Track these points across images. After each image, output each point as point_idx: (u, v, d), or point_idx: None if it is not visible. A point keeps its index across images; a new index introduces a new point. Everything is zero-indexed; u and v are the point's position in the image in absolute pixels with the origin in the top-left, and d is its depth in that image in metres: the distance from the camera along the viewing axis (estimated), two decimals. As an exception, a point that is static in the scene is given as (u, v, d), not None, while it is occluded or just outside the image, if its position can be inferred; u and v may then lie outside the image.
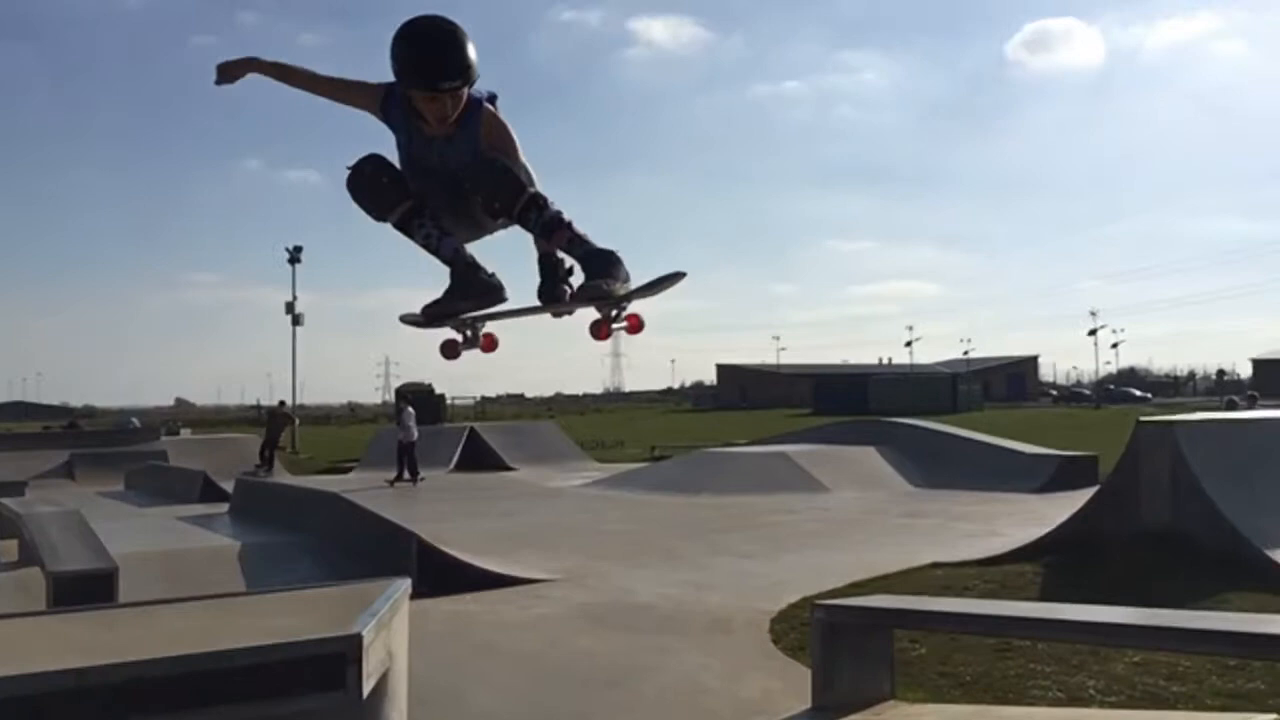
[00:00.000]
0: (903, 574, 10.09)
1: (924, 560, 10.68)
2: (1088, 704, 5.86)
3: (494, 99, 3.85)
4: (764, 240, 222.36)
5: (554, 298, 4.11)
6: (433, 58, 3.57)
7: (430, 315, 4.07)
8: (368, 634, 3.38)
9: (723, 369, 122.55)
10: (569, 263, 4.02)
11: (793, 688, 6.23)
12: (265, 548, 11.38)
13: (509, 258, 4.14)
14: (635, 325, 3.92)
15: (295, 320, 45.20)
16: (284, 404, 34.57)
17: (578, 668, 7.31)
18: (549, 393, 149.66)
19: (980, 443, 21.56)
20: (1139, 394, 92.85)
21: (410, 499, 19.34)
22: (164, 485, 20.34)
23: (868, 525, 14.56)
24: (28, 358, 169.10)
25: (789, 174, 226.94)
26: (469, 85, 3.66)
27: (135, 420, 40.08)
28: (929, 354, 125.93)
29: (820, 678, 5.63)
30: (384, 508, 12.31)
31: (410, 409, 23.97)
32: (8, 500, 12.72)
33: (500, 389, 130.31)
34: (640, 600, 9.50)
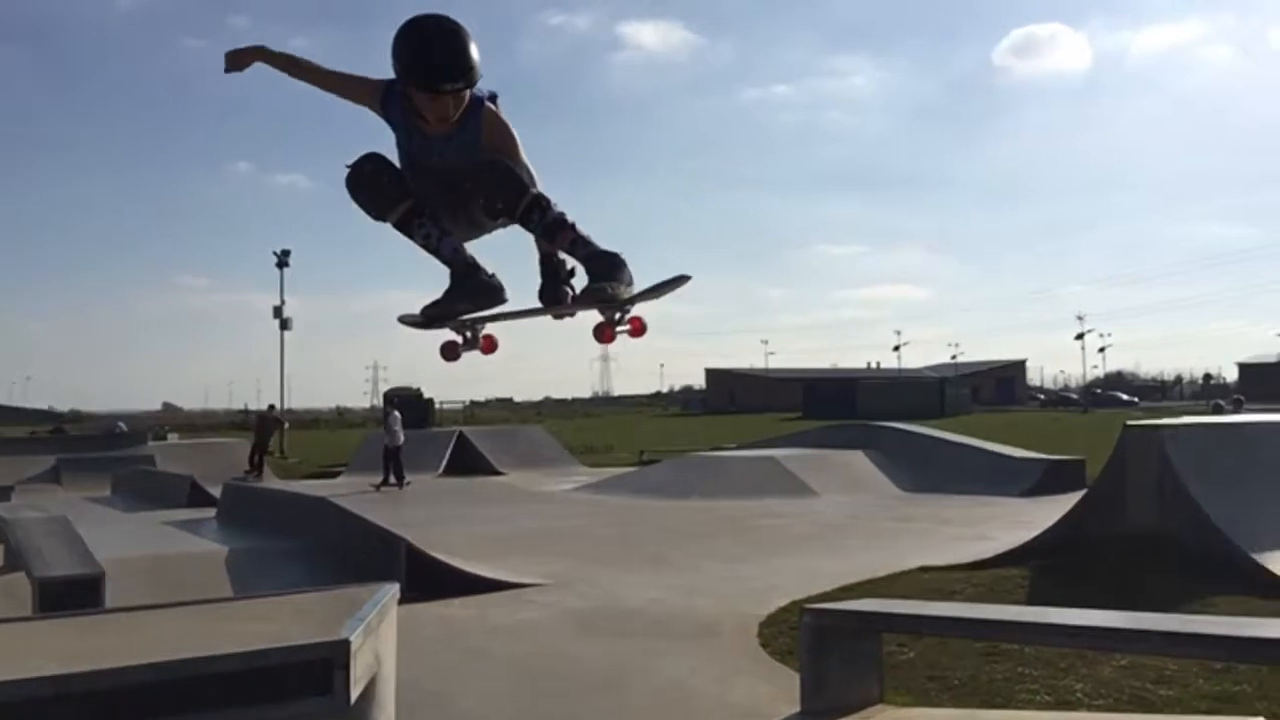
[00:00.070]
0: (891, 578, 10.10)
1: (912, 564, 10.69)
2: (1075, 707, 5.88)
3: (495, 98, 3.79)
4: (753, 244, 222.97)
5: (556, 299, 4.07)
6: (436, 58, 3.51)
7: (430, 316, 4.02)
8: (355, 639, 3.37)
9: (712, 373, 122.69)
10: (570, 264, 3.99)
11: (782, 692, 6.24)
12: (253, 553, 11.34)
13: (508, 258, 4.12)
14: (638, 328, 3.88)
15: (283, 324, 45.16)
16: (273, 408, 34.47)
17: (567, 672, 7.30)
18: (538, 397, 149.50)
19: (968, 447, 21.65)
20: (1126, 398, 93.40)
21: (398, 503, 19.28)
22: (151, 490, 20.23)
23: (856, 529, 14.59)
24: (16, 361, 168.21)
25: (779, 178, 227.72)
26: (471, 86, 3.61)
27: (122, 425, 39.91)
28: (917, 358, 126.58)
29: (809, 681, 5.65)
30: (372, 512, 12.26)
31: (396, 413, 23.94)
32: (-7, 505, 12.64)
33: (489, 393, 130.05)
34: (629, 604, 9.49)
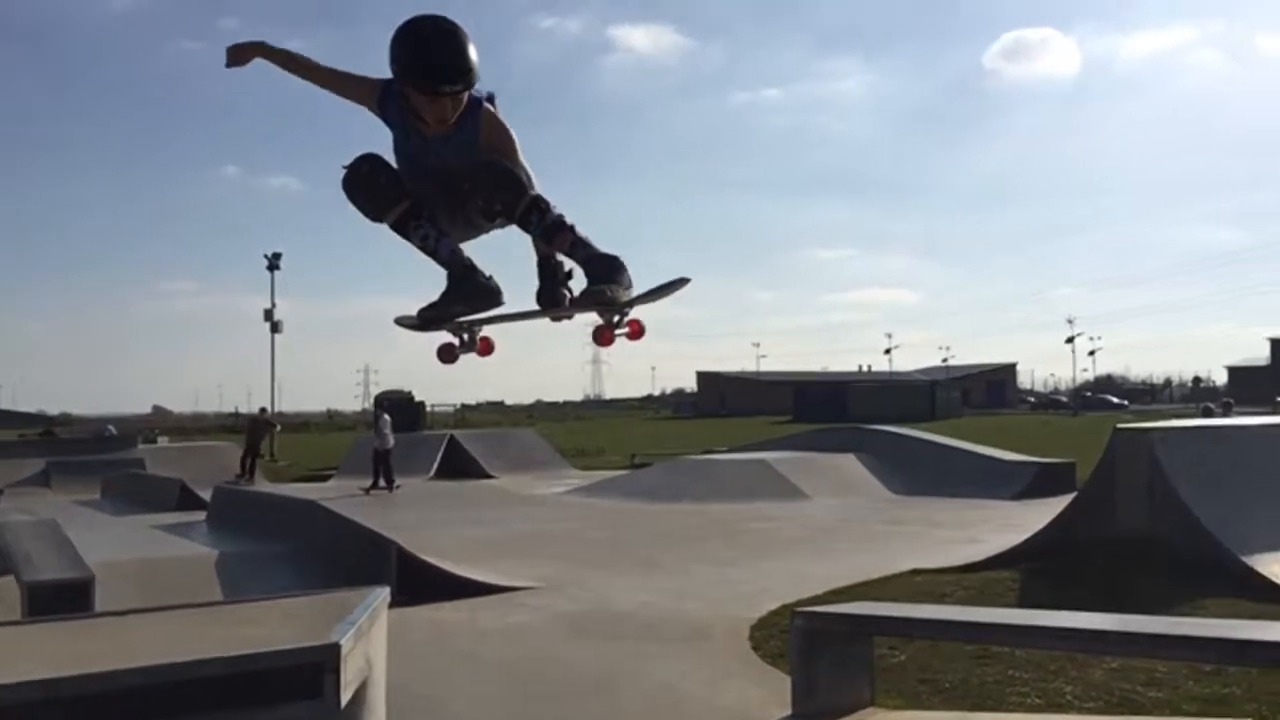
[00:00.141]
0: (882, 581, 10.12)
1: (903, 567, 10.71)
2: (1066, 710, 5.89)
3: (493, 98, 3.76)
4: (744, 247, 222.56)
5: (554, 302, 4.03)
6: (434, 59, 3.48)
7: (426, 319, 3.98)
8: (346, 643, 3.37)
9: (703, 376, 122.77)
10: (569, 266, 3.96)
11: (773, 695, 6.25)
12: (243, 556, 11.31)
13: (506, 259, 4.08)
14: (636, 331, 3.87)
15: (274, 327, 45.13)
16: (265, 411, 34.39)
17: (557, 676, 7.30)
18: (529, 400, 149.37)
19: (959, 450, 21.70)
20: (1116, 401, 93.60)
21: (389, 507, 19.24)
22: (141, 493, 20.19)
23: (847, 532, 14.60)
24: (7, 364, 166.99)
25: (769, 181, 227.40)
26: (470, 88, 3.58)
27: (112, 428, 39.67)
28: (908, 361, 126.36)
29: (800, 685, 5.65)
30: (363, 516, 12.24)
31: (386, 416, 23.87)
32: (-18, 509, 12.60)
33: (480, 396, 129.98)
34: (620, 608, 9.49)
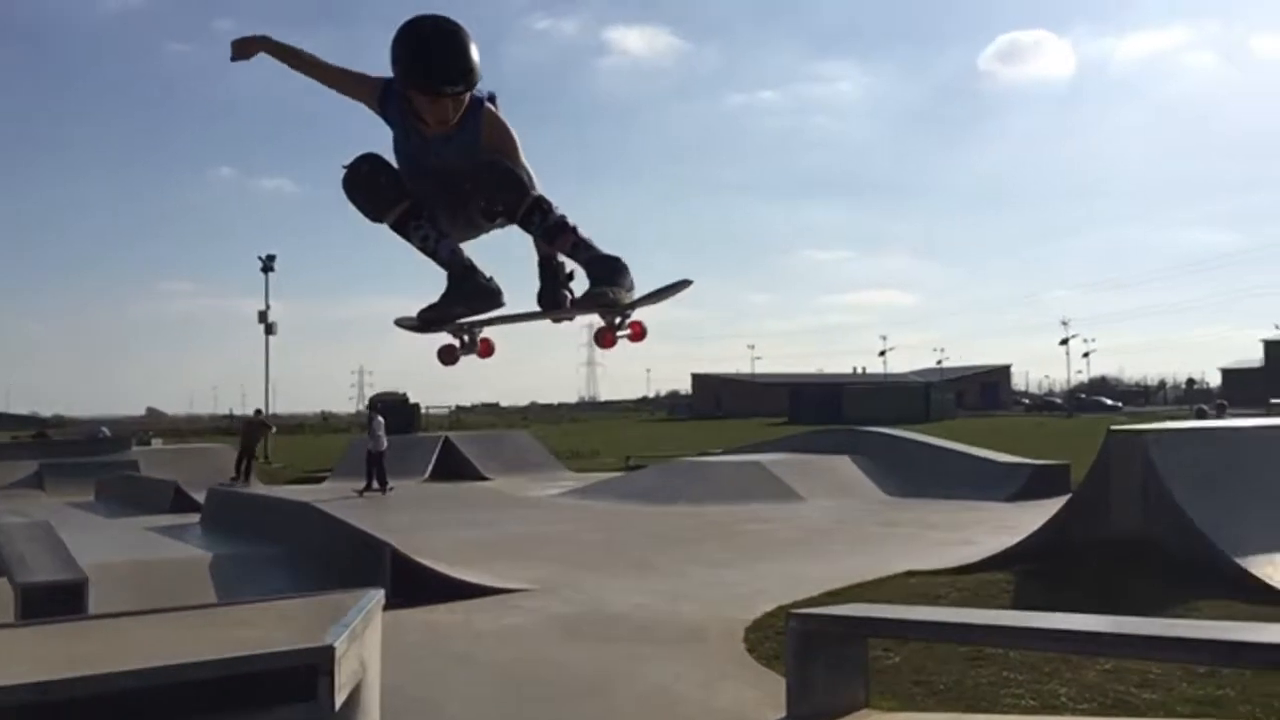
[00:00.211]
0: (877, 582, 10.13)
1: (898, 569, 10.71)
2: (1060, 711, 5.90)
3: (494, 98, 3.74)
4: (739, 249, 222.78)
5: (555, 303, 4.01)
6: (435, 60, 3.46)
7: (426, 320, 3.95)
8: (340, 645, 3.36)
9: (698, 378, 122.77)
10: (570, 267, 3.94)
11: (768, 697, 6.24)
12: (237, 558, 11.29)
13: (506, 260, 4.07)
14: (638, 333, 3.84)
15: (268, 329, 45.21)
16: (260, 412, 34.36)
17: (552, 678, 7.29)
18: (524, 402, 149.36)
19: (954, 451, 21.73)
20: (1110, 403, 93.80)
21: (384, 509, 19.22)
22: (135, 496, 20.12)
23: (842, 534, 14.61)
24: (6, 365, 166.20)
25: (764, 183, 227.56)
26: (472, 89, 3.56)
27: (106, 430, 39.61)
28: (903, 363, 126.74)
29: (795, 686, 5.65)
30: (357, 518, 12.23)
31: (380, 418, 23.83)
32: (-25, 511, 12.56)
33: (475, 398, 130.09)
34: (615, 610, 9.48)
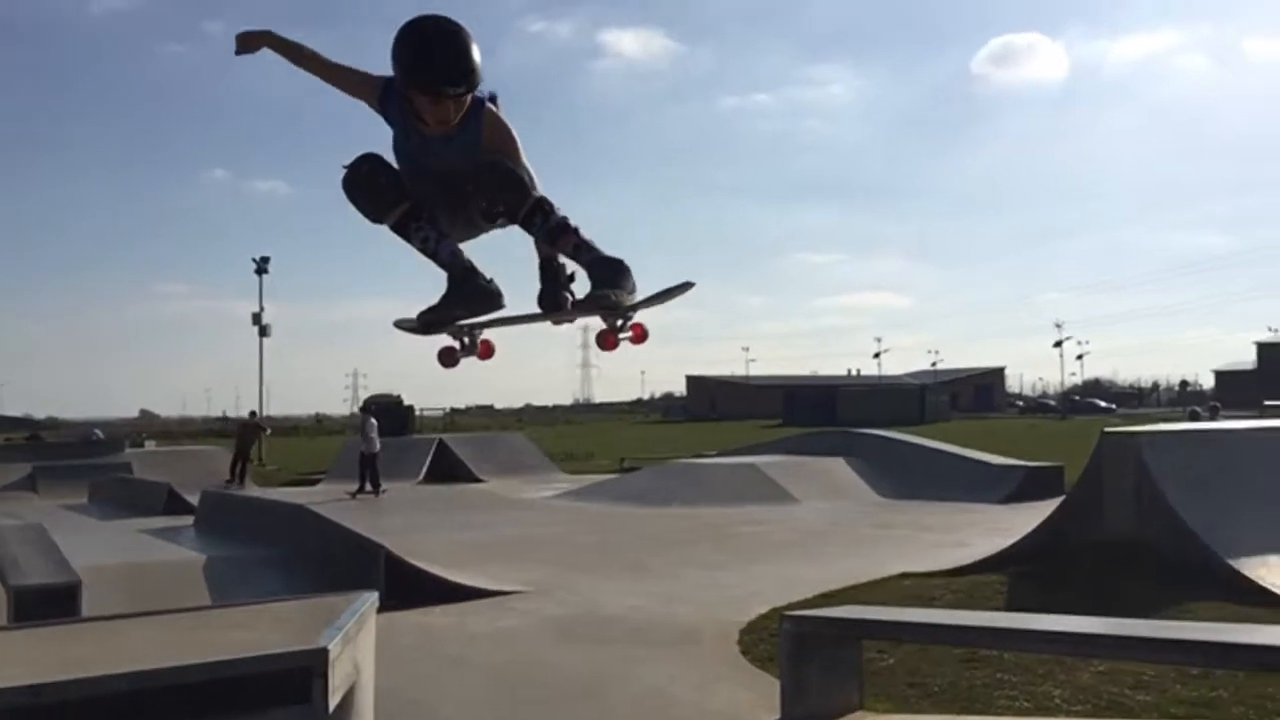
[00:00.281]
0: (871, 584, 10.13)
1: (892, 571, 10.72)
2: (1054, 713, 5.91)
3: (495, 98, 3.71)
4: (733, 252, 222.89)
5: (556, 305, 3.98)
6: (437, 61, 3.44)
7: (426, 322, 3.92)
8: (334, 647, 3.36)
9: (692, 380, 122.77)
10: (571, 269, 3.92)
11: (762, 698, 6.24)
12: (230, 561, 11.26)
13: (506, 261, 4.03)
14: (640, 335, 3.82)
15: (262, 331, 45.01)
16: (254, 414, 34.31)
17: (546, 680, 7.29)
18: (519, 404, 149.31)
19: (948, 453, 21.76)
20: (1104, 405, 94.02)
21: (378, 511, 19.20)
22: (128, 498, 20.08)
23: (836, 536, 14.61)
24: (5, 366, 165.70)
25: (758, 186, 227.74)
26: (473, 90, 3.54)
27: (99, 432, 39.53)
28: (897, 365, 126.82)
29: (789, 689, 5.65)
30: (351, 520, 12.21)
31: (373, 420, 23.79)
32: (-33, 513, 12.52)
33: (469, 400, 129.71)
34: (609, 612, 9.48)
